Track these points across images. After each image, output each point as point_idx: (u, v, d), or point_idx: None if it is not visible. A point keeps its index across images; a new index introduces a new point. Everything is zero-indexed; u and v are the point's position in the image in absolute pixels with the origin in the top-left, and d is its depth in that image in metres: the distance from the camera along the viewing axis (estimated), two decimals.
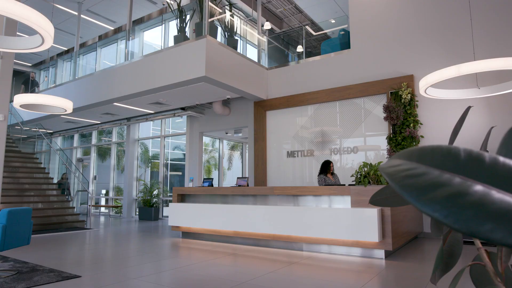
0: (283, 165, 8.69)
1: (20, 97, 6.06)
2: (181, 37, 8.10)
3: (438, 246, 5.09)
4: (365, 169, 5.04)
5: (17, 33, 8.34)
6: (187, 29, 8.36)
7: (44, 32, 3.55)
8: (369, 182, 4.94)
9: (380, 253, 4.73)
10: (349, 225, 4.81)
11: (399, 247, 5.23)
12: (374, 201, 0.91)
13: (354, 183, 5.31)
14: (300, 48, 10.42)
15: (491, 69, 4.52)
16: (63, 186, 11.88)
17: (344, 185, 5.52)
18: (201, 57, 7.08)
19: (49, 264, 4.45)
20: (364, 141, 7.57)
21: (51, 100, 6.06)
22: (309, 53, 10.11)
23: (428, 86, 5.14)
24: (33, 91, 11.82)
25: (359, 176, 5.11)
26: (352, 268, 4.35)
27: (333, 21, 11.12)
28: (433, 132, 6.74)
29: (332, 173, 6.58)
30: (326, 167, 6.48)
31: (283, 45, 11.19)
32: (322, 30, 11.48)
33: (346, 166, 7.71)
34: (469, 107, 1.03)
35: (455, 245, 0.90)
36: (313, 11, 11.88)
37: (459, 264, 0.93)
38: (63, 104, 6.32)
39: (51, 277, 3.73)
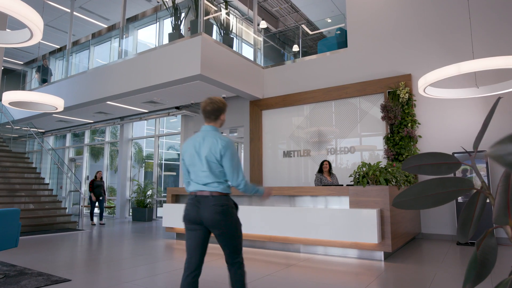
0: (279, 165, 8.58)
1: (9, 95, 5.86)
2: (175, 35, 7.96)
3: (437, 248, 5.02)
4: (364, 169, 4.95)
5: (7, 29, 8.15)
6: (182, 26, 8.22)
7: (33, 26, 3.40)
8: (367, 183, 4.85)
9: (379, 255, 4.64)
10: (347, 226, 4.71)
11: (397, 249, 5.15)
12: (398, 203, 0.80)
13: (352, 183, 5.21)
14: (296, 48, 10.32)
15: (491, 67, 4.46)
16: (99, 190, 9.63)
17: (342, 185, 5.43)
18: (196, 55, 6.94)
19: (38, 267, 4.29)
20: (361, 141, 7.49)
21: (41, 98, 5.87)
22: (304, 53, 10.01)
23: (427, 84, 5.06)
24: (45, 80, 11.36)
25: (357, 176, 5.02)
26: (351, 270, 4.25)
27: (329, 20, 11.03)
28: (431, 132, 6.67)
29: (331, 173, 6.49)
30: (321, 167, 6.45)
31: (279, 44, 11.09)
32: (318, 29, 11.40)
33: (341, 166, 7.62)
34: (499, 98, 0.93)
35: (489, 253, 0.79)
36: (309, 10, 11.79)
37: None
38: (53, 102, 6.13)
39: (39, 281, 3.58)
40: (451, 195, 0.82)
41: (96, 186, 9.52)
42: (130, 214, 11.38)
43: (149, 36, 10.49)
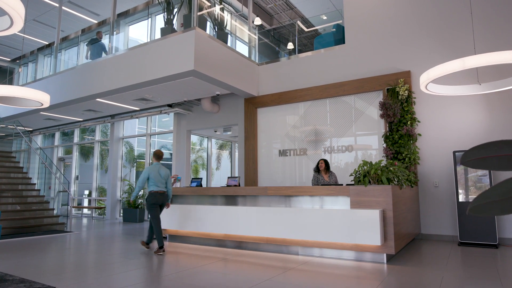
0: (274, 164, 8.36)
1: None
2: (168, 30, 7.69)
3: (439, 249, 4.84)
4: (365, 167, 4.76)
5: None
6: (174, 21, 7.95)
7: (13, 12, 3.13)
8: (369, 182, 4.66)
9: (382, 257, 4.46)
10: (348, 227, 4.52)
11: (399, 250, 4.97)
12: (476, 208, 0.59)
13: (352, 182, 5.02)
14: (290, 45, 10.11)
15: (497, 62, 4.30)
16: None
17: (342, 184, 5.24)
18: (190, 50, 6.69)
19: (20, 273, 4.01)
20: (359, 140, 7.31)
21: (25, 93, 5.55)
22: (299, 51, 9.81)
23: (430, 80, 4.90)
24: (100, 55, 9.87)
25: (358, 175, 4.83)
26: (353, 274, 4.06)
27: (324, 18, 10.86)
28: (431, 130, 6.52)
29: (329, 172, 6.28)
30: (317, 166, 6.25)
31: (274, 42, 10.87)
32: (313, 26, 11.21)
33: (336, 165, 7.43)
34: None
35: None
36: (304, 7, 11.58)
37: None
38: (38, 97, 5.81)
39: None
40: None
41: None
42: (121, 215, 11.07)
43: (140, 35, 10.18)
